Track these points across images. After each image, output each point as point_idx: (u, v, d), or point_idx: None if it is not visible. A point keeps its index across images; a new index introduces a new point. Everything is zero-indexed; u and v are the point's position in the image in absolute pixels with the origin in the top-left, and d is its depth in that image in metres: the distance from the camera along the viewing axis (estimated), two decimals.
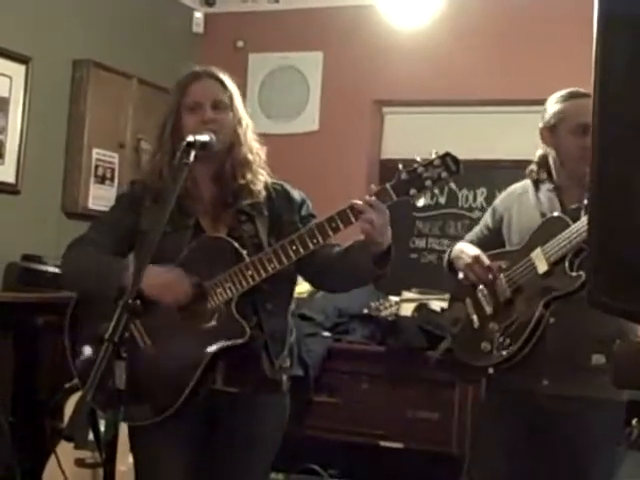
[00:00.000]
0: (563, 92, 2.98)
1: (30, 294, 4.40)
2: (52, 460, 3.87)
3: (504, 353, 2.85)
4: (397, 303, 4.68)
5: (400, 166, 2.47)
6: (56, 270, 4.28)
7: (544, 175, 2.99)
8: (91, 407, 1.98)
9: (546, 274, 2.84)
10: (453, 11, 5.32)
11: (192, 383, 2.46)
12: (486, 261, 2.93)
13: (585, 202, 2.84)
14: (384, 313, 4.59)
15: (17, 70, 4.71)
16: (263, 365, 2.56)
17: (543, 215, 2.93)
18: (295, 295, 2.82)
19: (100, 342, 1.99)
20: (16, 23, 4.70)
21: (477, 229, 3.18)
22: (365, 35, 5.50)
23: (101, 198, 5.03)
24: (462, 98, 5.40)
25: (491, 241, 3.07)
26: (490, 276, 2.92)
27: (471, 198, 5.44)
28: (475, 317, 2.98)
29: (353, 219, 2.44)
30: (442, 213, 5.51)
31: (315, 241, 2.47)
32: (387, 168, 5.31)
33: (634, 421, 3.27)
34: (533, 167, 3.04)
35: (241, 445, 2.60)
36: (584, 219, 2.75)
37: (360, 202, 2.42)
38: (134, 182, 2.73)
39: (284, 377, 2.62)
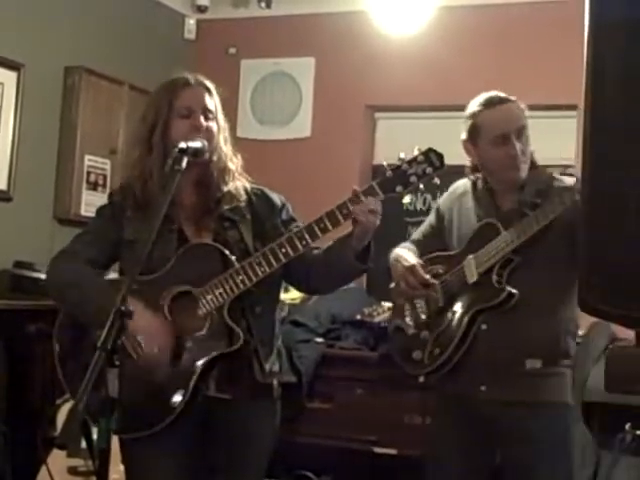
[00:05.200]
0: (477, 102, 2.92)
1: (22, 301, 4.39)
2: (44, 469, 3.85)
3: (433, 364, 2.87)
4: (390, 309, 4.68)
5: (385, 164, 2.49)
6: None
7: (480, 177, 2.95)
8: (84, 415, 1.97)
9: (475, 284, 2.85)
10: (444, 17, 5.33)
11: (186, 395, 2.45)
12: (420, 272, 2.90)
13: (516, 204, 2.85)
14: (377, 319, 4.59)
15: (9, 77, 4.70)
16: (254, 370, 2.56)
17: (480, 218, 2.91)
18: (288, 301, 2.83)
19: (92, 350, 1.98)
20: (8, 30, 4.70)
21: (422, 228, 3.15)
22: (357, 41, 5.51)
23: (93, 204, 5.00)
24: (454, 103, 5.37)
25: (435, 240, 3.05)
26: (422, 290, 2.91)
27: None
28: (411, 323, 2.98)
29: (342, 220, 2.44)
30: None
31: (304, 243, 2.47)
32: (379, 173, 5.31)
33: (627, 426, 3.28)
34: (469, 167, 2.99)
35: (234, 452, 2.59)
36: (514, 229, 2.76)
37: (353, 208, 2.42)
38: (112, 193, 2.72)
39: (275, 382, 2.61)
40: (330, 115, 5.64)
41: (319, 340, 4.53)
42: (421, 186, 2.50)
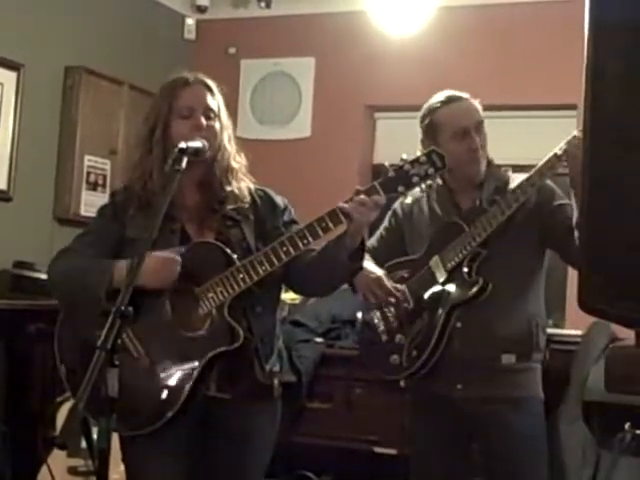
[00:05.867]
0: (433, 100, 2.98)
1: (22, 301, 4.39)
2: (44, 469, 3.85)
3: (413, 367, 2.88)
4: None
5: (387, 164, 2.49)
6: None
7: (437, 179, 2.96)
8: (84, 415, 1.97)
9: (445, 282, 2.87)
10: (444, 17, 5.33)
11: (186, 393, 2.46)
12: (387, 284, 2.91)
13: (477, 202, 2.88)
14: None
15: (9, 77, 4.71)
16: (255, 370, 2.56)
17: (439, 220, 2.94)
18: (288, 301, 2.83)
19: (92, 350, 1.98)
20: (8, 30, 4.70)
21: (377, 234, 3.15)
22: (357, 41, 5.51)
23: (93, 205, 5.01)
24: None
25: (390, 245, 3.06)
26: (391, 299, 2.91)
27: None
28: (383, 329, 2.98)
29: (343, 219, 2.44)
30: None
31: (305, 241, 2.47)
32: (379, 173, 5.31)
33: (626, 426, 3.28)
34: None
35: (234, 451, 2.59)
36: (479, 223, 2.80)
37: (347, 206, 2.42)
38: (115, 192, 2.72)
39: (275, 382, 2.62)
40: (330, 115, 5.64)
41: (319, 340, 4.53)
42: (423, 186, 2.51)
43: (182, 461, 2.56)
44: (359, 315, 3.12)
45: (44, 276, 4.37)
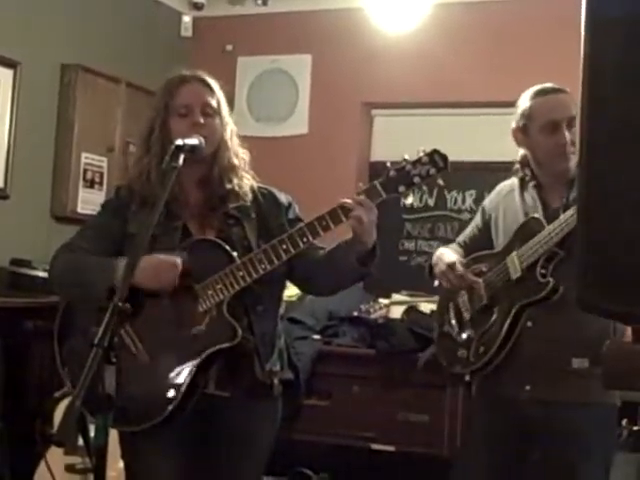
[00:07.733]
0: (531, 90, 2.91)
1: (19, 299, 4.39)
2: (42, 466, 3.85)
3: (479, 362, 2.84)
4: (387, 306, 4.69)
5: (388, 164, 2.48)
6: (45, 274, 4.26)
7: (528, 173, 2.93)
8: (81, 412, 1.97)
9: (519, 280, 2.82)
10: (441, 14, 5.33)
11: (183, 389, 2.45)
12: (460, 269, 2.88)
13: (564, 200, 2.81)
14: (374, 315, 4.60)
15: (5, 74, 4.70)
16: (255, 368, 2.56)
17: (526, 215, 2.88)
18: (285, 298, 2.81)
19: (90, 347, 1.98)
20: (4, 27, 4.69)
21: (468, 230, 3.15)
22: (354, 38, 5.51)
23: (90, 202, 5.01)
24: (451, 100, 5.41)
25: (482, 241, 3.03)
26: (463, 284, 2.89)
27: (460, 200, 5.45)
28: (455, 322, 2.96)
29: (343, 218, 2.44)
30: (431, 215, 5.51)
31: (305, 240, 2.47)
32: (376, 170, 5.31)
33: (624, 422, 3.28)
34: (518, 165, 2.98)
35: (234, 449, 2.59)
36: (557, 222, 2.73)
37: (349, 201, 2.43)
38: (119, 188, 2.72)
39: (275, 381, 2.62)
40: (327, 112, 5.64)
41: (316, 337, 4.53)
42: (424, 187, 2.51)
43: (182, 458, 2.56)
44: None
45: (41, 273, 4.42)
